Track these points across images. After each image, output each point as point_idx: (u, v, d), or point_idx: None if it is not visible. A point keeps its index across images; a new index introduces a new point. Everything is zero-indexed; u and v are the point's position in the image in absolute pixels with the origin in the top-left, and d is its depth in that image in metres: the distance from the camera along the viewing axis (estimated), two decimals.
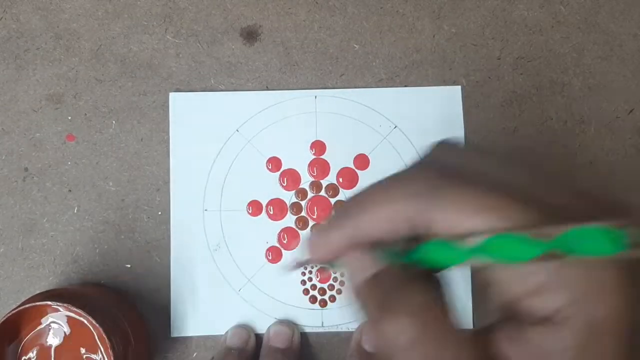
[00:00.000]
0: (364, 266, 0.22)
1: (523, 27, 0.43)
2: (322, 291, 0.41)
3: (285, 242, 0.41)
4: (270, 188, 0.42)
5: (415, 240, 0.21)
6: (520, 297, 0.19)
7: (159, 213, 0.41)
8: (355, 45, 0.43)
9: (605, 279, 0.18)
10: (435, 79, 0.42)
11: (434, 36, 0.43)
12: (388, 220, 0.21)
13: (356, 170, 0.42)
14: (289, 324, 0.40)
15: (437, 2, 0.43)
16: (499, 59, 0.43)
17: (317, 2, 0.43)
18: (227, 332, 0.40)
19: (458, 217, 0.19)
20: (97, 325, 0.33)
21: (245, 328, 0.40)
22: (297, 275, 0.41)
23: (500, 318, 0.21)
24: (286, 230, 0.41)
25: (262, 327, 0.40)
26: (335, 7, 0.43)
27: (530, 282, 0.19)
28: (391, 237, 0.21)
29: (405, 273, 0.21)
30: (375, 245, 0.22)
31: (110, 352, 0.33)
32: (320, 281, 0.41)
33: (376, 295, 0.21)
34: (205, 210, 0.41)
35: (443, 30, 0.43)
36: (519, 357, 0.20)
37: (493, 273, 0.20)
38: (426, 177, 0.21)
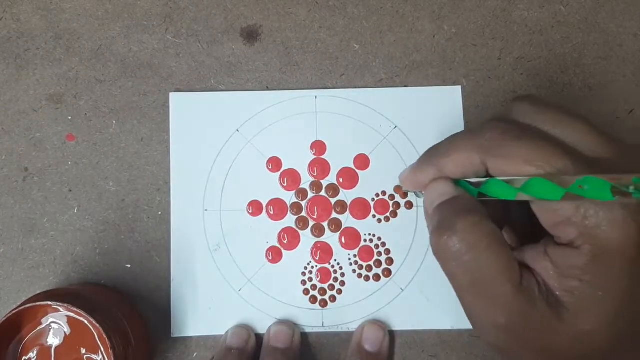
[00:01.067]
0: (441, 193, 0.30)
1: (523, 27, 0.43)
2: (323, 291, 0.41)
3: (285, 242, 0.41)
4: (271, 188, 0.42)
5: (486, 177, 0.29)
6: (552, 225, 0.27)
7: (159, 213, 0.41)
8: (355, 45, 0.43)
9: (614, 216, 0.25)
10: (435, 79, 0.42)
11: (434, 36, 0.43)
12: (461, 164, 0.29)
13: (356, 170, 0.42)
14: (290, 324, 0.40)
15: (437, 2, 0.43)
16: (499, 59, 0.43)
17: (317, 2, 0.43)
18: (227, 332, 0.40)
19: (508, 166, 0.27)
20: (97, 325, 0.33)
21: (245, 328, 0.40)
22: (297, 275, 0.41)
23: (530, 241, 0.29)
24: (286, 230, 0.41)
25: (262, 327, 0.40)
26: (335, 7, 0.43)
27: (559, 215, 0.26)
28: (465, 176, 0.30)
29: (470, 200, 0.29)
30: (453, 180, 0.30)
31: (111, 352, 0.33)
32: (320, 281, 0.41)
33: (446, 213, 0.29)
34: (206, 210, 0.41)
35: (443, 30, 0.43)
36: (540, 267, 0.27)
37: (537, 206, 0.28)
38: (492, 133, 0.28)
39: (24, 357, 0.35)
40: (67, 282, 0.41)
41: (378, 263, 0.41)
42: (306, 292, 0.41)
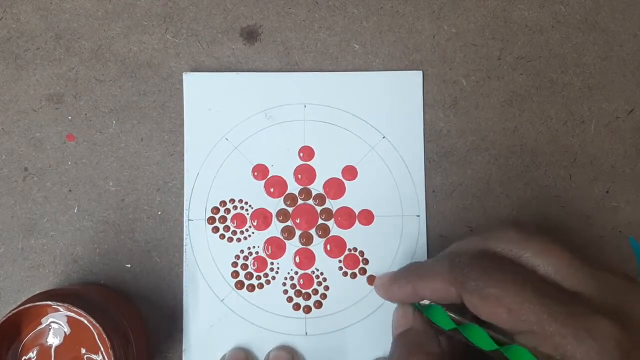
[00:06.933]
0: (402, 323, 0.33)
1: (523, 27, 0.43)
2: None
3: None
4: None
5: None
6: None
7: (159, 213, 0.41)
8: (355, 45, 0.43)
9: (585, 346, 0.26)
10: (435, 79, 0.42)
11: (434, 36, 0.43)
12: (437, 291, 0.31)
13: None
14: (289, 350, 0.40)
15: (437, 2, 0.43)
16: (499, 59, 0.43)
17: (317, 2, 0.43)
18: (224, 356, 0.39)
19: (483, 307, 0.28)
20: (97, 325, 0.33)
21: (242, 350, 0.40)
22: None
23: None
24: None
25: (246, 339, 0.40)
26: (335, 7, 0.43)
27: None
28: (439, 302, 0.31)
29: (423, 335, 0.32)
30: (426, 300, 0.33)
31: (110, 352, 0.33)
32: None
33: (400, 350, 0.32)
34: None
35: (443, 30, 0.43)
36: None
37: None
38: (472, 271, 0.29)
39: (24, 357, 0.35)
40: (67, 282, 0.41)
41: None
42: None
